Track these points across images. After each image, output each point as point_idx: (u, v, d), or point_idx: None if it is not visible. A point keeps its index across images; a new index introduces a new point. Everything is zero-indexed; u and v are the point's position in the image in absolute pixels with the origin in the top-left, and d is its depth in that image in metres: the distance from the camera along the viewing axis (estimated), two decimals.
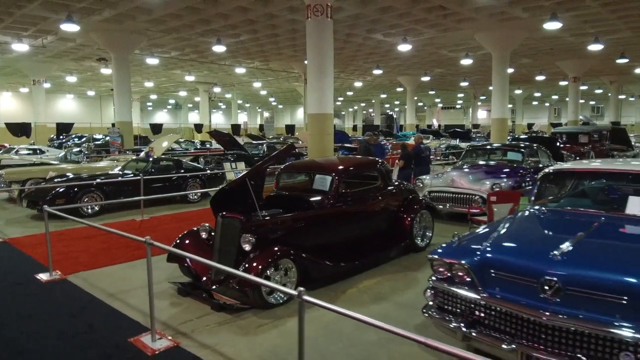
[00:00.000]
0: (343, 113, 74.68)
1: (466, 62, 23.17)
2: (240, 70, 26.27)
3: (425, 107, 58.16)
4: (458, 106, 62.72)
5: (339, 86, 39.48)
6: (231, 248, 4.76)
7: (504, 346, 3.07)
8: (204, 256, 4.27)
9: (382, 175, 6.16)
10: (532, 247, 3.51)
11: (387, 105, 62.05)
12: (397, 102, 56.23)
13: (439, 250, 3.63)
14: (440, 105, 59.97)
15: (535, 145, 9.25)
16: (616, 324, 2.75)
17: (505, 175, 8.36)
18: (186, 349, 3.92)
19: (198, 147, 20.16)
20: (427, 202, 6.59)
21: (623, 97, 50.91)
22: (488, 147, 10.12)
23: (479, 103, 63.12)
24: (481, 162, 9.23)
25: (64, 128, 28.48)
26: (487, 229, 4.04)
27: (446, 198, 8.16)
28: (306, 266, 4.91)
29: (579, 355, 2.85)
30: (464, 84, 33.96)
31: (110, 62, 20.05)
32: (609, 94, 37.47)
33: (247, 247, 4.65)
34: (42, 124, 26.69)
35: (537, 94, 48.26)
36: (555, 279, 3.00)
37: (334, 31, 18.28)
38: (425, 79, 30.89)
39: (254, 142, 18.97)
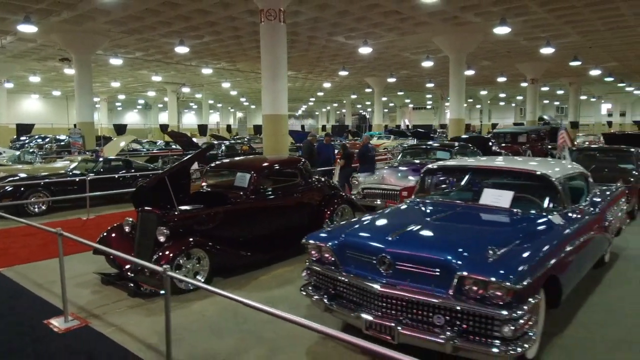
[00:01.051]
0: (317, 113, 75.19)
1: (427, 64, 23.84)
2: (207, 71, 26.38)
3: (397, 108, 59.14)
4: (429, 106, 63.90)
5: (309, 87, 39.89)
6: (149, 240, 5.18)
7: (352, 314, 3.63)
8: (128, 248, 4.65)
9: (302, 173, 6.60)
10: (378, 231, 4.06)
11: (359, 106, 62.74)
12: (368, 103, 56.94)
13: (312, 235, 4.13)
14: (411, 105, 61.07)
15: (465, 144, 9.85)
16: (431, 292, 3.32)
17: None
18: (94, 328, 4.33)
19: (162, 147, 20.26)
20: (347, 197, 7.10)
21: (584, 97, 52.92)
22: (423, 146, 10.68)
23: (447, 104, 64.66)
24: (415, 161, 9.80)
25: (24, 129, 28.03)
26: (362, 218, 4.60)
27: (378, 194, 8.65)
28: (219, 256, 5.36)
29: (405, 319, 3.41)
30: (429, 85, 34.82)
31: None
32: (584, 96, 39.14)
33: (161, 239, 5.09)
34: (4, 125, 26.25)
35: (502, 95, 49.64)
36: (388, 256, 3.55)
37: (296, 33, 18.79)
38: (391, 80, 31.54)
39: (215, 142, 19.24)
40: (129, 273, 5.21)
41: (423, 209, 4.67)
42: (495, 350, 3.01)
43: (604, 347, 3.86)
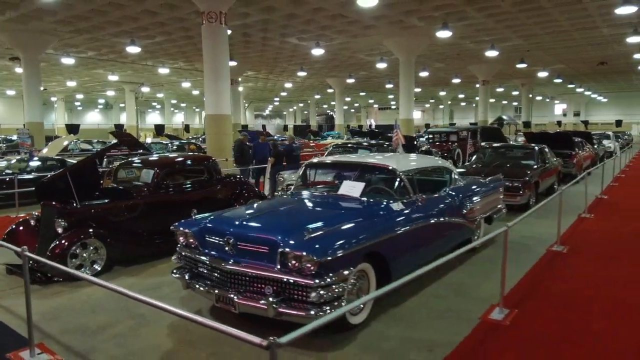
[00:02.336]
0: (285, 113, 75.46)
1: (381, 65, 24.46)
2: (164, 71, 26.31)
3: (362, 108, 60.02)
4: (393, 107, 65.11)
5: (272, 87, 40.15)
6: (50, 232, 5.48)
7: (206, 290, 4.12)
8: (34, 240, 4.99)
9: (208, 170, 7.02)
10: (233, 217, 4.51)
11: (325, 106, 63.35)
12: (333, 103, 57.63)
13: (179, 223, 4.58)
14: (376, 106, 62.09)
15: (387, 143, 10.44)
16: (262, 266, 3.85)
17: None
18: None
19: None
20: (259, 192, 7.54)
21: (539, 98, 55.05)
22: (349, 145, 11.22)
23: None
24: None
25: None
26: (232, 208, 5.17)
27: None
28: (116, 246, 5.76)
29: (245, 291, 3.92)
30: (389, 85, 35.60)
31: None
32: (530, 95, 40.52)
33: (59, 230, 5.45)
34: None
35: (462, 95, 51.04)
36: (231, 237, 4.08)
37: (249, 34, 19.07)
38: (350, 81, 32.12)
39: (163, 142, 19.32)
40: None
41: (288, 199, 5.26)
42: (303, 313, 3.55)
43: (426, 314, 4.43)
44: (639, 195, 11.24)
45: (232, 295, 3.89)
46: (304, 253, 3.59)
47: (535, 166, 9.42)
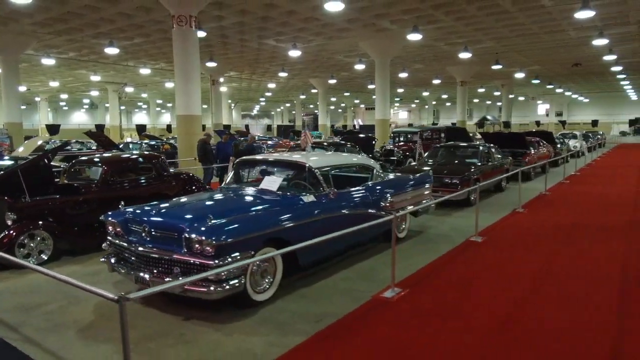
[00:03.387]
0: (272, 113, 75.81)
1: (360, 67, 24.95)
2: (145, 71, 26.61)
3: (348, 108, 60.54)
4: None
5: (256, 87, 40.52)
6: (1, 224, 5.89)
7: (127, 272, 4.65)
8: None
9: (156, 167, 7.53)
10: (150, 208, 5.00)
11: (311, 106, 63.81)
12: (319, 103, 58.15)
13: (108, 214, 5.07)
14: (362, 106, 62.69)
15: (344, 142, 10.97)
16: (172, 250, 4.36)
17: None
18: None
19: (92, 147, 20.47)
20: (209, 189, 7.99)
21: (522, 98, 55.93)
22: (313, 145, 11.73)
23: (397, 105, 66.67)
24: None
25: None
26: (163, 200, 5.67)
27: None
28: (63, 238, 6.23)
29: (159, 272, 4.40)
30: (371, 86, 36.10)
31: None
32: (519, 97, 41.36)
33: (9, 222, 5.90)
34: None
35: (445, 96, 51.72)
36: (147, 225, 4.61)
37: (226, 36, 19.47)
38: (332, 81, 32.58)
39: (136, 142, 19.73)
40: None
41: (211, 192, 5.78)
42: (205, 289, 4.08)
43: (329, 293, 4.97)
44: (579, 192, 11.80)
45: (145, 276, 4.40)
46: (204, 238, 4.11)
47: (478, 164, 9.98)
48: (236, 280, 4.18)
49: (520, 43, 22.02)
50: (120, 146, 16.58)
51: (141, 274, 4.45)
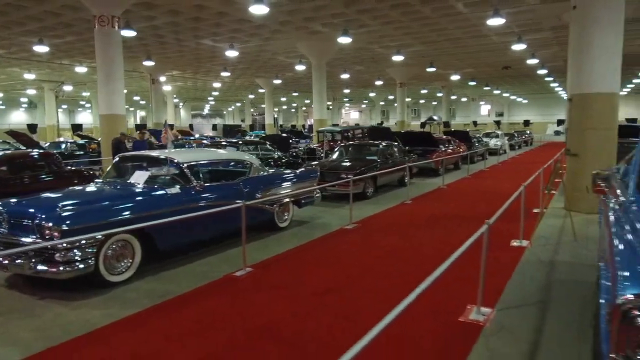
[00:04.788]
0: (224, 112, 75.22)
1: (300, 67, 25.45)
2: (81, 69, 26.05)
3: (299, 108, 61.10)
4: (331, 107, 66.63)
5: (202, 86, 40.30)
6: None
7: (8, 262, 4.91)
8: None
9: (48, 164, 7.94)
10: (14, 200, 5.37)
11: (263, 105, 63.84)
12: (265, 103, 58.35)
13: None
14: (314, 106, 63.32)
15: (259, 141, 11.55)
16: (27, 236, 4.74)
17: None
18: None
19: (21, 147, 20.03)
20: None
21: (464, 99, 58.36)
22: (223, 142, 12.19)
23: (347, 105, 67.96)
24: None
25: None
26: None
27: None
28: None
29: (18, 257, 4.73)
30: None
31: None
32: (462, 98, 43.22)
33: None
34: None
35: (391, 97, 53.15)
36: (5, 214, 4.98)
37: (161, 35, 19.46)
38: (277, 81, 32.96)
39: (67, 141, 19.53)
40: None
41: (85, 186, 6.18)
42: (55, 269, 4.50)
43: (185, 275, 5.42)
44: (472, 186, 12.64)
45: (6, 262, 4.76)
46: (51, 224, 4.59)
47: (378, 161, 10.74)
48: (85, 262, 4.60)
49: (449, 47, 23.08)
50: (46, 145, 16.39)
51: (3, 261, 4.78)
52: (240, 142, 11.11)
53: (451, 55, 25.82)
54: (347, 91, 46.42)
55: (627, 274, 2.03)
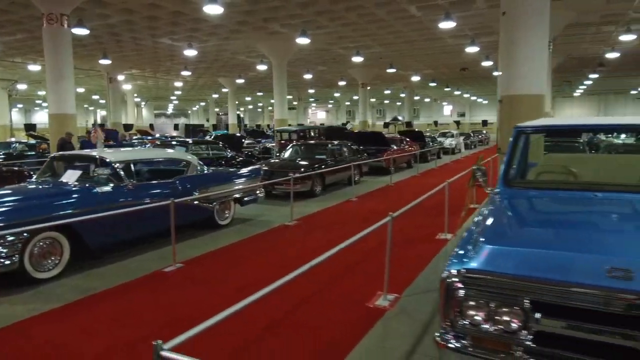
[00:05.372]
0: (189, 112, 74.21)
1: (262, 67, 25.55)
2: (35, 68, 25.34)
3: (264, 108, 60.96)
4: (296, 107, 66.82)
5: (164, 85, 39.72)
6: None
7: None
8: None
9: None
10: None
11: (227, 105, 63.37)
12: (236, 103, 58.03)
13: None
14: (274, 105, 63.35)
15: (209, 140, 11.73)
16: None
17: None
18: None
19: None
20: None
21: (427, 100, 59.69)
22: (173, 142, 12.29)
23: (314, 105, 68.32)
24: None
25: None
26: None
27: None
28: None
29: None
30: None
31: None
32: (425, 98, 44.08)
33: None
34: None
35: (356, 97, 53.77)
36: None
37: (117, 34, 19.18)
38: (240, 81, 32.88)
39: (12, 140, 19.19)
40: None
41: (15, 186, 6.16)
42: None
43: (115, 272, 5.50)
44: (416, 183, 13.07)
45: None
46: None
47: (327, 160, 11.05)
48: (9, 259, 4.64)
49: (407, 49, 23.63)
50: None
51: None
52: (190, 142, 11.17)
53: (410, 57, 26.38)
54: (312, 91, 46.71)
55: (455, 253, 2.34)
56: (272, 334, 3.75)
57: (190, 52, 20.44)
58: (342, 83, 35.78)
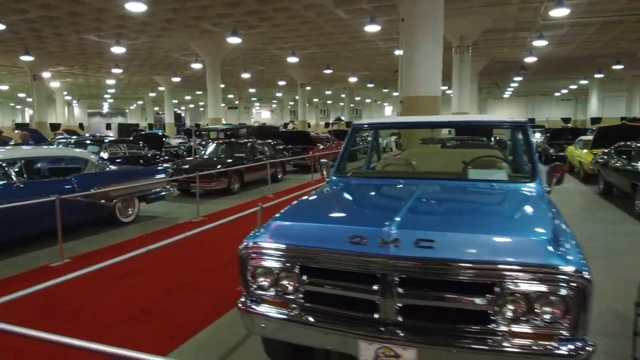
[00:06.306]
0: (127, 111, 71.67)
1: (196, 66, 25.24)
2: None
3: (207, 107, 60.02)
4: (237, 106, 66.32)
5: (96, 83, 38.22)
6: None
7: None
8: None
9: None
10: None
11: (174, 101, 61.83)
12: (175, 101, 56.71)
13: None
14: (222, 105, 62.64)
15: (126, 139, 11.74)
16: None
17: None
18: None
19: None
20: None
21: (368, 100, 61.09)
22: (87, 141, 12.17)
23: (257, 105, 68.10)
24: None
25: None
26: None
27: None
28: None
29: None
30: (221, 85, 36.50)
31: None
32: (367, 99, 44.80)
33: None
34: None
35: (296, 97, 54.20)
36: None
37: (37, 29, 18.36)
38: (177, 79, 32.30)
39: None
40: None
41: None
42: None
43: (5, 267, 5.58)
44: None
45: None
46: None
47: (246, 158, 11.25)
48: None
49: (341, 50, 24.11)
50: None
51: None
52: (106, 141, 11.04)
53: (345, 59, 26.92)
54: (253, 90, 46.57)
55: (256, 230, 2.70)
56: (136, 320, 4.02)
57: (119, 49, 19.94)
58: (282, 83, 35.98)
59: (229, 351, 3.43)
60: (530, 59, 24.94)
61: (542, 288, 1.97)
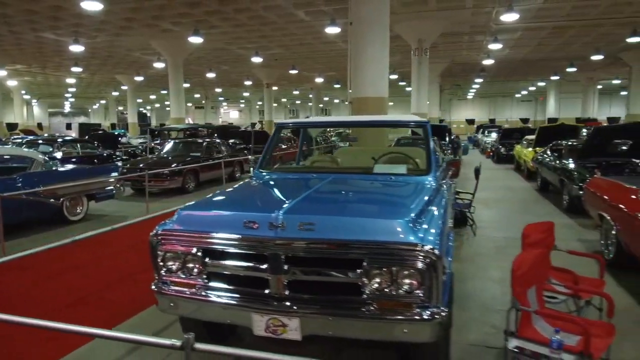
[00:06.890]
0: (90, 110, 69.97)
1: (159, 65, 25.03)
2: None
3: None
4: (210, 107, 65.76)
5: (56, 82, 37.27)
6: None
7: None
8: None
9: None
10: None
11: (140, 100, 60.73)
12: (139, 100, 55.75)
13: None
14: (190, 104, 62.05)
15: (80, 139, 11.79)
16: None
17: None
18: None
19: None
20: None
21: (337, 101, 61.65)
22: (39, 141, 12.15)
23: (225, 104, 67.72)
24: None
25: None
26: None
27: None
28: None
29: None
30: (186, 85, 36.21)
31: None
32: (335, 99, 45.36)
33: None
34: None
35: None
36: None
37: None
38: (139, 78, 31.89)
39: None
40: None
41: None
42: None
43: None
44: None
45: None
46: None
47: (201, 157, 11.42)
48: None
49: (305, 51, 24.34)
50: None
51: None
52: (59, 140, 10.99)
53: (309, 59, 27.16)
54: (219, 90, 46.31)
55: (168, 219, 2.98)
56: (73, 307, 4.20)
57: (78, 48, 19.65)
58: (248, 83, 35.99)
59: (159, 330, 3.75)
60: (488, 62, 25.87)
61: (402, 263, 2.31)
